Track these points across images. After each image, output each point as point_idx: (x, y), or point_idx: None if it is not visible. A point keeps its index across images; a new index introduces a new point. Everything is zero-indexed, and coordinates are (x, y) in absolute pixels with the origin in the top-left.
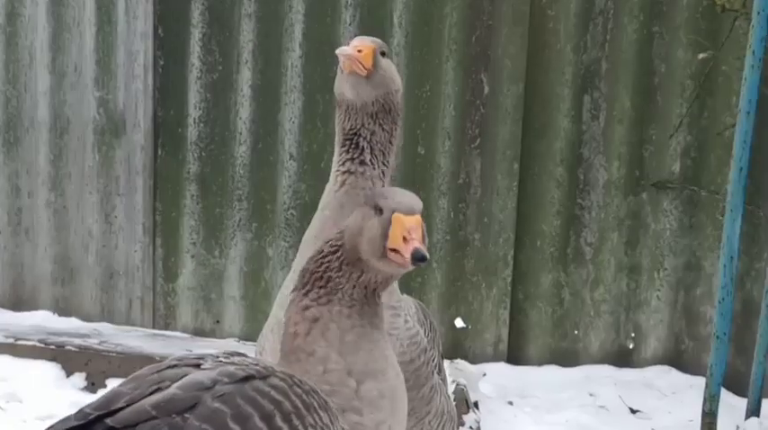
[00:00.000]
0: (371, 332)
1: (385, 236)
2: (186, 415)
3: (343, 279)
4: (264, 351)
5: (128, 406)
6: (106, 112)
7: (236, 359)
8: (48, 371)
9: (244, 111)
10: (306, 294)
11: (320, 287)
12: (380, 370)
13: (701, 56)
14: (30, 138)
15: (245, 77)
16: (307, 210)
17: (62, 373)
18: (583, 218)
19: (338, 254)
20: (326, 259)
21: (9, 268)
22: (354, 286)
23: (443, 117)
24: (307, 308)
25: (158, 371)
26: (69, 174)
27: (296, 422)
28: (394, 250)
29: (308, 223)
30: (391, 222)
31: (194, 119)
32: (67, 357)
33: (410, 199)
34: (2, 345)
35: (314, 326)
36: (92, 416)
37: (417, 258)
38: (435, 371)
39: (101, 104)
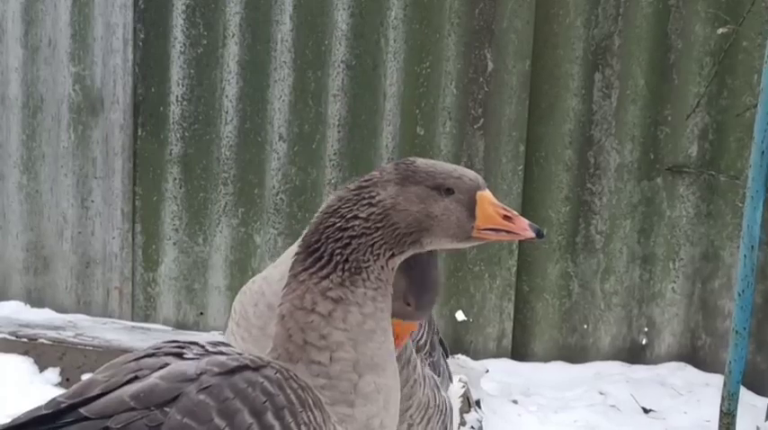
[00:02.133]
0: (384, 318)
1: (472, 216)
2: (167, 408)
3: (371, 259)
4: (245, 323)
5: (103, 395)
6: (82, 89)
7: (223, 348)
8: (19, 365)
9: (230, 89)
10: (326, 276)
11: (345, 269)
12: (382, 365)
13: (720, 31)
14: (0, 116)
15: (232, 52)
16: (297, 194)
17: (35, 368)
18: (593, 204)
19: (372, 237)
20: (357, 240)
21: None
22: (383, 267)
23: (444, 96)
24: (329, 288)
25: (136, 360)
26: (43, 156)
27: (288, 418)
28: (491, 229)
29: (299, 208)
30: (476, 201)
31: (177, 96)
32: (40, 351)
33: (473, 173)
34: None
35: (337, 307)
36: (64, 405)
37: (540, 234)
38: (419, 364)
39: (77, 81)
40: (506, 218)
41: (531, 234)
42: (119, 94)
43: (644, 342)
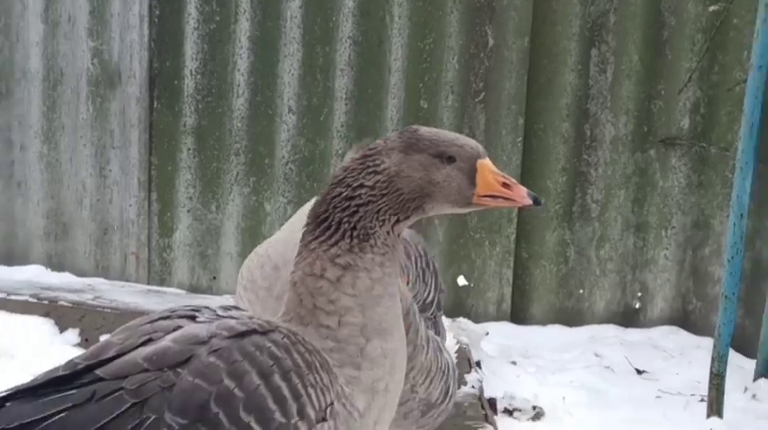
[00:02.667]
0: (394, 283)
1: (472, 183)
2: (179, 369)
3: (378, 225)
4: (251, 286)
5: (118, 356)
6: (101, 63)
7: (234, 313)
8: (40, 326)
9: (242, 63)
10: (335, 243)
11: (353, 236)
12: (389, 330)
13: (711, 8)
14: (22, 89)
15: (244, 28)
16: (305, 164)
17: (55, 329)
18: (589, 174)
19: (378, 203)
20: (364, 208)
21: (1, 222)
22: (389, 233)
23: (446, 70)
24: (338, 255)
25: (150, 322)
26: (63, 127)
27: (295, 380)
28: (490, 196)
29: (307, 177)
30: (477, 169)
31: (191, 70)
32: (61, 313)
33: (474, 142)
34: None
35: (345, 273)
36: (80, 367)
37: (537, 202)
38: (422, 328)
39: (95, 55)
40: (505, 185)
41: (529, 201)
42: (135, 68)
43: (637, 306)
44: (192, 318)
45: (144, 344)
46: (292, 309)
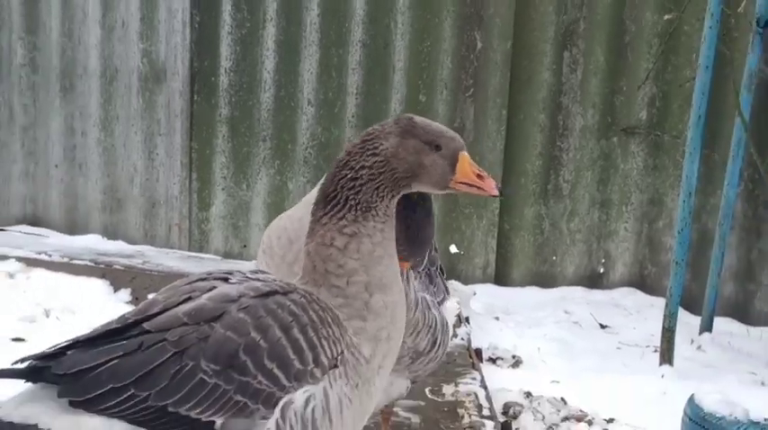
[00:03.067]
0: (391, 245)
1: (452, 170)
2: (213, 323)
3: (378, 199)
4: (270, 252)
5: (162, 312)
6: (149, 62)
7: (260, 276)
8: (98, 286)
9: (269, 63)
10: (342, 217)
11: (357, 209)
12: (389, 285)
13: (666, 17)
14: (83, 84)
15: (270, 33)
16: (322, 149)
17: (110, 289)
18: (561, 158)
19: (377, 181)
20: (366, 186)
21: (65, 197)
22: (387, 205)
23: (442, 69)
24: (345, 226)
25: (190, 283)
26: (117, 117)
27: (311, 333)
28: (465, 183)
29: (324, 160)
30: (458, 160)
31: (225, 69)
32: (115, 275)
33: (458, 136)
34: (59, 264)
35: (351, 240)
36: (130, 321)
37: (501, 193)
38: (412, 291)
39: (144, 55)
40: (479, 176)
41: (495, 192)
42: (178, 67)
43: (601, 271)
44: (225, 280)
45: (184, 301)
46: (308, 273)
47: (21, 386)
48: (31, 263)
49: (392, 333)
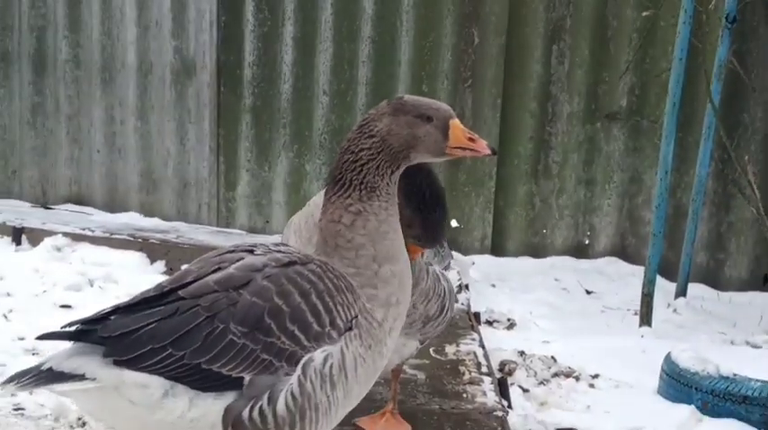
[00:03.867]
0: (395, 220)
1: (445, 138)
2: (241, 290)
3: (379, 178)
4: (299, 233)
5: (195, 281)
6: (180, 58)
7: (282, 248)
8: (136, 259)
9: (287, 57)
10: (348, 196)
11: (362, 189)
12: (396, 256)
13: (644, 14)
14: (121, 77)
15: (289, 30)
16: (336, 134)
17: (147, 261)
18: (550, 141)
19: (376, 160)
20: (366, 166)
21: (106, 179)
22: (388, 183)
23: (443, 62)
24: (351, 205)
25: (219, 255)
26: (152, 107)
27: (327, 299)
28: (459, 148)
29: (337, 144)
30: (450, 127)
31: (249, 63)
32: (151, 248)
33: (446, 106)
34: (100, 238)
35: (357, 218)
36: (166, 289)
37: (494, 151)
38: (424, 263)
39: (176, 51)
40: (470, 139)
41: (488, 151)
42: (207, 62)
43: (587, 242)
44: (251, 252)
45: (214, 271)
46: (321, 247)
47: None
48: (76, 238)
49: (401, 298)
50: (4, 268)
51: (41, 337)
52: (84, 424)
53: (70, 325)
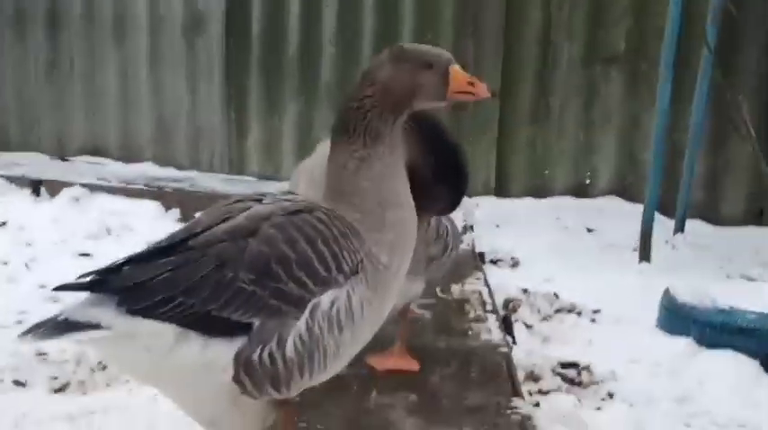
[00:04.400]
0: (400, 165)
1: (446, 83)
2: (249, 239)
3: (382, 125)
4: (307, 179)
5: (204, 231)
6: (191, 12)
7: (289, 197)
8: (151, 207)
9: (293, 11)
10: (353, 143)
11: (366, 135)
12: (399, 202)
13: None
14: (134, 32)
15: None
16: (342, 84)
17: (162, 209)
18: (551, 86)
19: (380, 107)
20: (370, 113)
21: (120, 131)
22: (392, 130)
23: (446, 9)
24: (355, 151)
25: (228, 205)
26: (164, 59)
27: (333, 245)
28: (460, 92)
29: (344, 94)
30: (449, 73)
31: (257, 17)
32: (166, 197)
33: (446, 52)
34: (117, 189)
35: (362, 163)
36: (177, 239)
37: (493, 94)
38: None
39: (186, 5)
40: (470, 83)
41: (488, 94)
42: (217, 16)
43: (587, 182)
44: (259, 201)
45: (224, 220)
46: (327, 193)
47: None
48: (93, 188)
49: (406, 241)
50: (24, 219)
51: (58, 289)
52: (104, 367)
53: (85, 275)
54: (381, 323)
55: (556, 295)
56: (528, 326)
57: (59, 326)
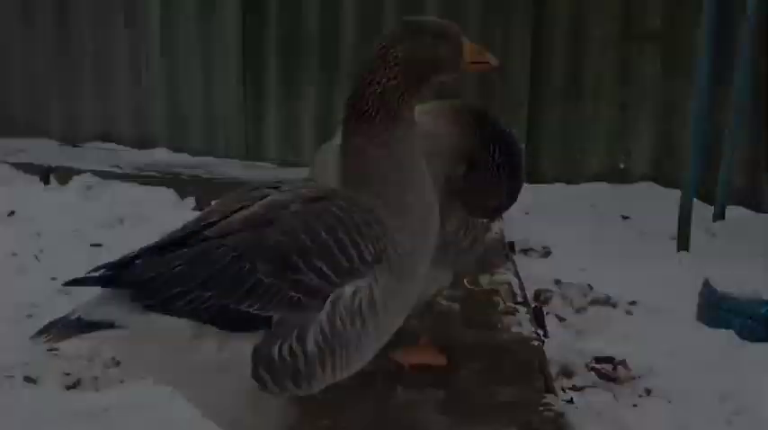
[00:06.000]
0: (417, 146)
1: (460, 54)
2: (267, 228)
3: (401, 105)
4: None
5: (221, 220)
6: None
7: (308, 184)
8: (166, 195)
9: None
10: (371, 124)
11: (386, 119)
12: (421, 186)
13: None
14: (146, 15)
15: None
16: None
17: (177, 197)
18: (585, 64)
19: (399, 87)
20: (390, 95)
21: (135, 117)
22: (409, 110)
23: None
24: (375, 135)
25: (245, 193)
26: (179, 41)
27: (354, 233)
28: (475, 62)
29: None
30: (462, 43)
31: None
32: (181, 184)
33: (456, 26)
34: (130, 176)
35: (382, 148)
36: (191, 229)
37: (501, 66)
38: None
39: None
40: (481, 54)
41: (496, 62)
42: None
43: (623, 167)
44: (276, 189)
45: (240, 209)
46: (346, 179)
47: (97, 291)
48: (105, 175)
49: (429, 227)
50: (33, 208)
51: (68, 284)
52: (118, 363)
53: (97, 268)
54: (406, 315)
55: (590, 286)
56: (560, 319)
57: (73, 326)
